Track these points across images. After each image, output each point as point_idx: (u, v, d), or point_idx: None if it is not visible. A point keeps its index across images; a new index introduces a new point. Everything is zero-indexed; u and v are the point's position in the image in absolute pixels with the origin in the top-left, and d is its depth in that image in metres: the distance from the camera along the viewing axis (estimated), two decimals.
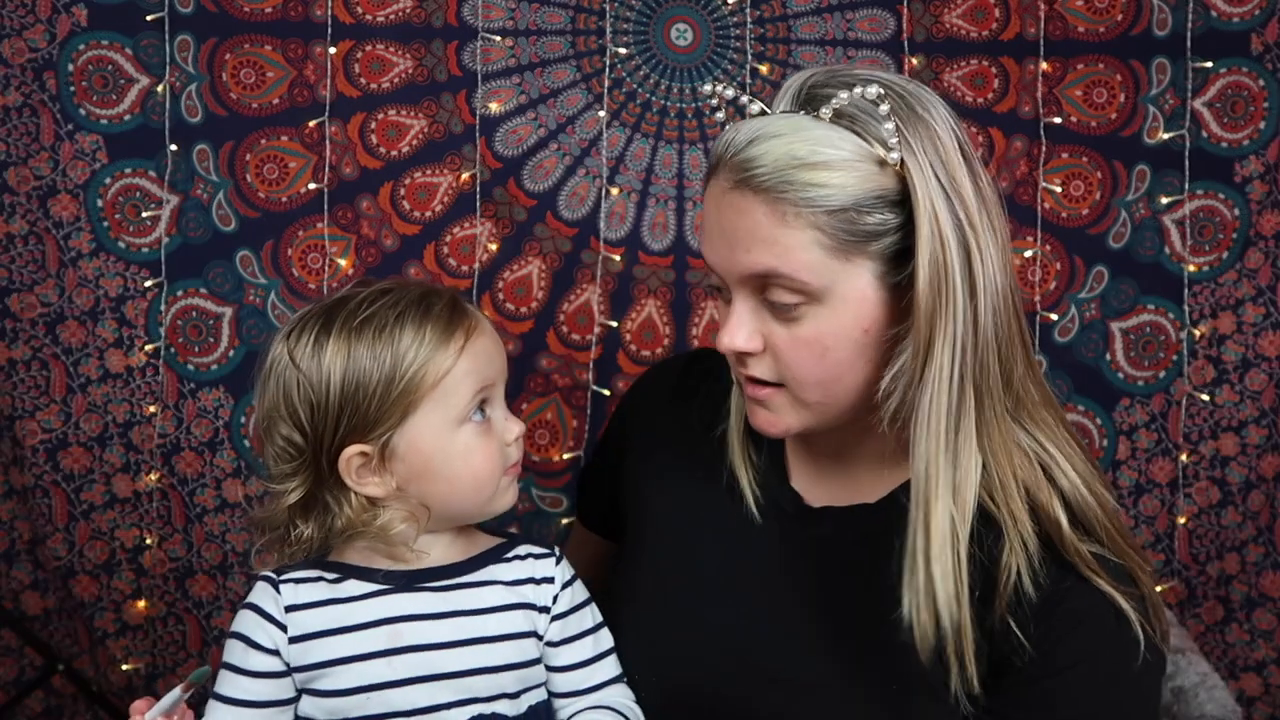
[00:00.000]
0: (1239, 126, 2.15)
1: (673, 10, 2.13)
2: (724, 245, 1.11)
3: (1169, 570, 2.22)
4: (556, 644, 1.26)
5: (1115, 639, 1.10)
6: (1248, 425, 2.19)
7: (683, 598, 1.26)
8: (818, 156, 1.06)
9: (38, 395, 2.08)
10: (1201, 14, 2.12)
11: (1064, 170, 2.17)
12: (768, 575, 1.23)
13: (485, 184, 2.12)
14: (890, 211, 1.08)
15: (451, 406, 1.20)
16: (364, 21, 2.09)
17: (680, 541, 1.29)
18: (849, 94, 1.08)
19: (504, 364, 1.26)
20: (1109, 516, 1.15)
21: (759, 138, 1.08)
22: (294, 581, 1.23)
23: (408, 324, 1.19)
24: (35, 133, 2.05)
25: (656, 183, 2.15)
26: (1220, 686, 1.65)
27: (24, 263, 2.06)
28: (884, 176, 1.07)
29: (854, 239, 1.07)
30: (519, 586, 1.26)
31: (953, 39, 2.15)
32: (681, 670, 1.23)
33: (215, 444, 2.12)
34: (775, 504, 1.24)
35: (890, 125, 1.07)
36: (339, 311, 1.22)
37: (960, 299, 1.06)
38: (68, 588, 2.13)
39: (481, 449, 1.22)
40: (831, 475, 1.24)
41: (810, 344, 1.10)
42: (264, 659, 1.21)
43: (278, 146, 2.09)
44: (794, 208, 1.06)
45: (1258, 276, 2.17)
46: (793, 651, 1.19)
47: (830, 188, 1.06)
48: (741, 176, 1.08)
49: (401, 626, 1.21)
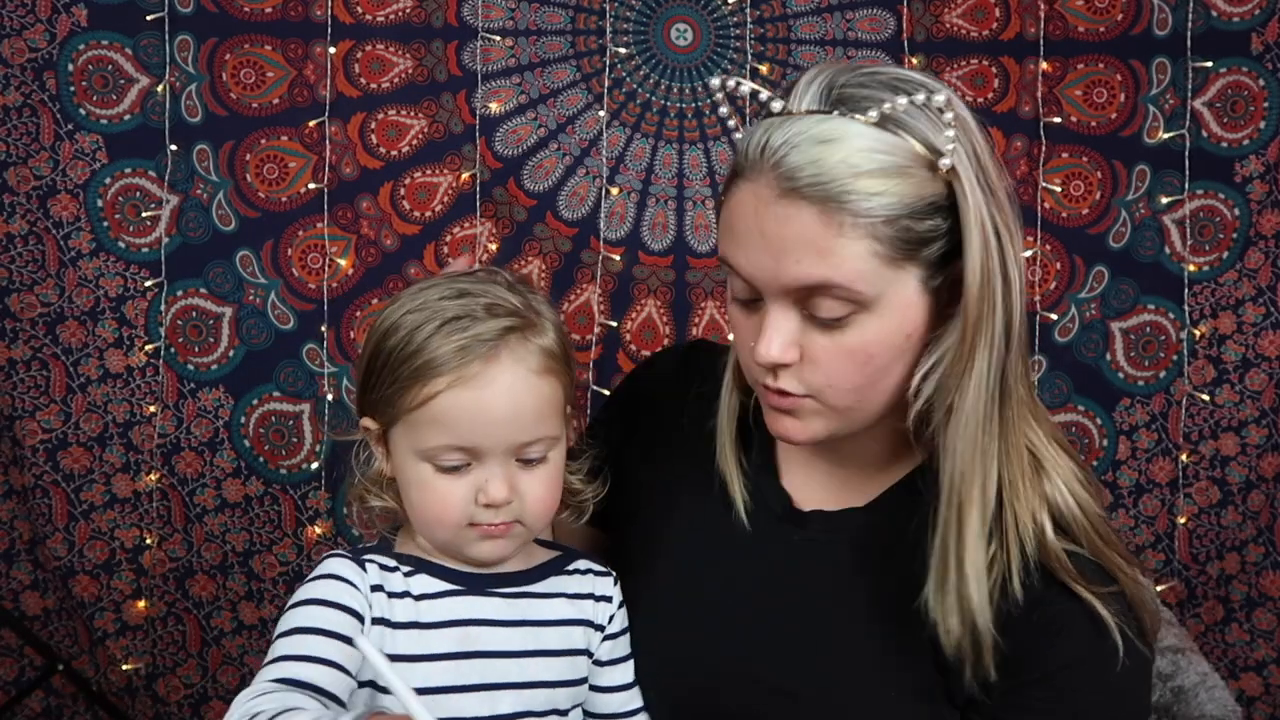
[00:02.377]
0: (1239, 126, 2.15)
1: (673, 10, 2.13)
2: (767, 255, 1.06)
3: (1169, 570, 2.22)
4: (605, 664, 1.21)
5: (1092, 647, 1.09)
6: (1248, 425, 2.19)
7: (681, 608, 1.24)
8: (874, 164, 1.03)
9: (38, 395, 2.08)
10: (1201, 14, 2.12)
11: (1064, 170, 2.17)
12: (763, 582, 1.22)
13: (485, 184, 2.12)
14: (940, 217, 1.05)
15: (416, 440, 1.09)
16: (364, 21, 2.09)
17: (676, 550, 1.26)
18: (904, 100, 1.04)
19: (512, 434, 1.10)
20: (1088, 514, 1.13)
21: (804, 142, 1.04)
22: (378, 565, 1.12)
23: (445, 329, 1.08)
24: (35, 133, 2.05)
25: (656, 183, 2.15)
26: (1220, 686, 1.65)
27: (24, 263, 2.06)
28: (935, 182, 1.05)
29: (907, 246, 1.04)
30: (581, 601, 1.20)
31: (953, 39, 2.15)
32: (683, 683, 1.22)
33: (215, 444, 2.12)
34: (766, 506, 1.23)
35: (951, 133, 1.04)
36: (428, 287, 1.13)
37: (1000, 301, 1.06)
38: (68, 588, 2.13)
39: (438, 491, 1.10)
40: (823, 475, 1.23)
41: (855, 353, 1.07)
42: (345, 620, 1.07)
43: (278, 146, 2.09)
44: (852, 217, 1.02)
45: (1258, 276, 2.17)
46: (791, 661, 1.17)
47: (889, 196, 1.03)
48: (792, 184, 1.03)
49: (473, 630, 1.13)
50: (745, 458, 1.25)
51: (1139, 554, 2.21)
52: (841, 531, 1.20)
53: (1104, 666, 1.09)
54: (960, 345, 1.07)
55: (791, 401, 1.11)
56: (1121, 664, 1.09)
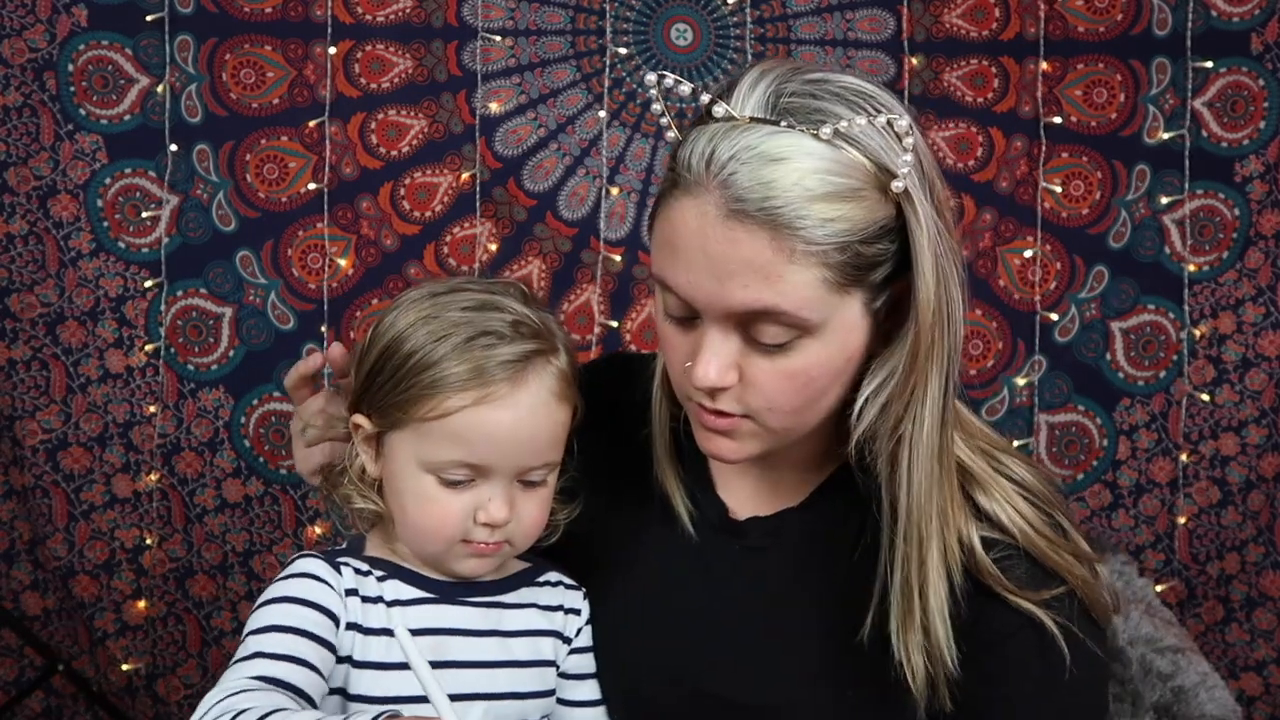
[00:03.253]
0: (1239, 126, 2.15)
1: (673, 10, 2.13)
2: (709, 277, 1.00)
3: (1169, 570, 2.22)
4: (570, 678, 1.19)
5: (1037, 662, 1.06)
6: (1248, 425, 2.19)
7: (632, 626, 1.20)
8: (828, 186, 0.98)
9: (38, 395, 2.08)
10: (1201, 14, 2.12)
11: (1064, 170, 2.17)
12: (708, 595, 1.18)
13: (485, 184, 2.12)
14: (888, 240, 1.01)
15: (424, 451, 1.07)
16: (364, 21, 2.09)
17: (624, 566, 1.22)
18: (863, 120, 0.99)
19: (524, 457, 1.09)
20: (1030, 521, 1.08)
21: (753, 159, 0.98)
22: (352, 569, 1.10)
23: (459, 343, 1.06)
24: (35, 133, 2.05)
25: (656, 183, 2.14)
26: (1220, 686, 1.65)
27: (24, 263, 2.06)
28: (885, 204, 1.01)
29: (855, 272, 1.00)
30: (552, 613, 1.18)
31: (953, 39, 2.15)
32: (639, 700, 1.19)
33: (215, 444, 2.12)
34: (704, 516, 1.20)
35: (909, 157, 0.99)
36: (444, 295, 1.10)
37: (948, 321, 1.04)
38: (68, 588, 2.13)
39: (436, 504, 1.09)
40: (755, 479, 1.20)
41: (795, 375, 1.03)
42: (321, 621, 1.05)
43: (278, 146, 2.09)
44: (804, 244, 0.97)
45: (1258, 276, 2.17)
46: (744, 674, 1.15)
47: (841, 223, 0.98)
48: (740, 206, 0.97)
49: (447, 639, 1.11)
50: (680, 469, 1.20)
51: (1139, 554, 2.21)
52: (780, 536, 1.17)
53: (1051, 682, 1.06)
54: (910, 369, 1.04)
55: (729, 422, 1.07)
56: (1070, 673, 1.06)
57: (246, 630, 1.04)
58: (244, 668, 1.00)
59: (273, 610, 1.05)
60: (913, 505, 1.06)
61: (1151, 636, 1.66)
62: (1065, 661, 1.06)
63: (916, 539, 1.06)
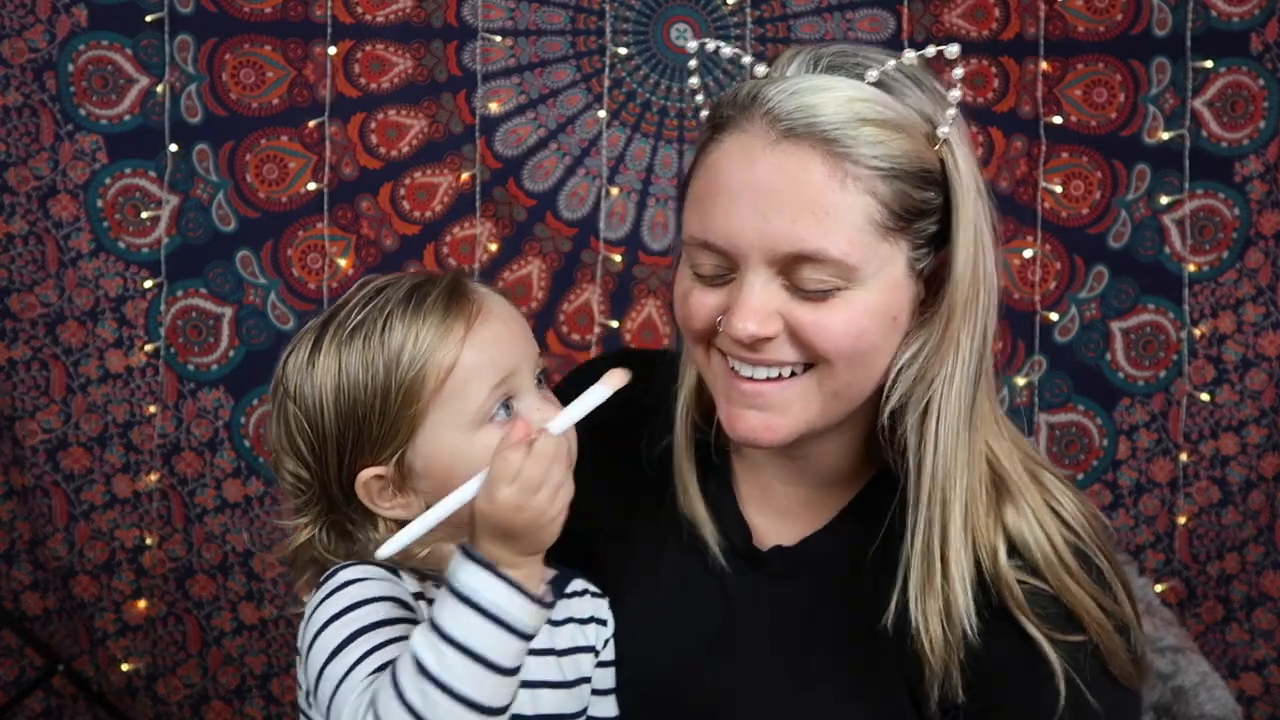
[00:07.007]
0: (1239, 126, 2.15)
1: (673, 10, 2.13)
2: (755, 213, 0.97)
3: (1169, 570, 2.22)
4: (599, 693, 1.12)
5: (1025, 695, 1.02)
6: (1248, 425, 2.19)
7: (651, 656, 1.16)
8: (875, 113, 0.97)
9: (38, 395, 2.08)
10: (1201, 14, 2.12)
11: (1064, 170, 2.17)
12: (728, 621, 1.16)
13: (485, 184, 2.12)
14: (934, 190, 1.00)
15: (464, 408, 1.02)
16: (364, 21, 2.09)
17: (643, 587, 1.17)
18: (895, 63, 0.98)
19: (529, 347, 1.06)
20: (1058, 550, 1.04)
21: (801, 89, 0.97)
22: (412, 573, 1.03)
23: (396, 322, 1.02)
24: (35, 133, 2.05)
25: (656, 182, 2.15)
26: (1220, 686, 1.65)
27: (24, 263, 2.06)
28: (930, 152, 1.00)
29: (902, 215, 0.99)
30: (586, 626, 1.12)
31: (952, 39, 2.15)
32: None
33: (215, 444, 2.12)
34: (729, 542, 1.17)
35: (952, 112, 0.99)
36: (331, 322, 1.05)
37: (984, 288, 1.03)
38: (68, 588, 2.13)
39: None
40: (781, 499, 1.15)
41: (847, 325, 1.00)
42: (401, 613, 0.98)
43: (278, 146, 2.09)
44: (855, 166, 0.96)
45: (1258, 276, 2.17)
46: (758, 706, 1.12)
47: (889, 146, 0.97)
48: (789, 127, 0.95)
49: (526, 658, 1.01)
50: (704, 487, 1.16)
51: (1139, 554, 2.21)
52: (803, 568, 1.14)
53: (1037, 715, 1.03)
54: (943, 335, 1.03)
55: (772, 388, 1.03)
56: (1060, 713, 1.01)
57: (328, 657, 0.95)
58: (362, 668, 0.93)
59: (355, 615, 0.97)
60: (938, 468, 1.04)
61: (1151, 636, 1.66)
62: (1060, 704, 1.01)
63: (940, 501, 1.03)
